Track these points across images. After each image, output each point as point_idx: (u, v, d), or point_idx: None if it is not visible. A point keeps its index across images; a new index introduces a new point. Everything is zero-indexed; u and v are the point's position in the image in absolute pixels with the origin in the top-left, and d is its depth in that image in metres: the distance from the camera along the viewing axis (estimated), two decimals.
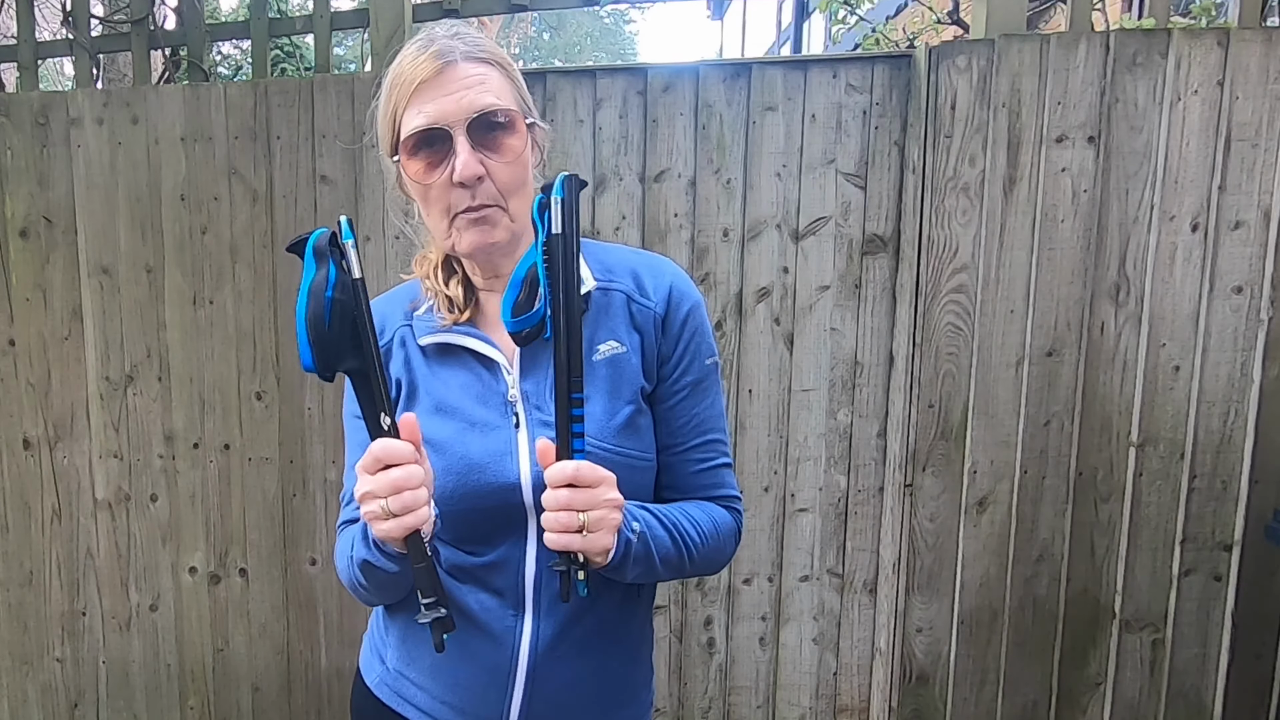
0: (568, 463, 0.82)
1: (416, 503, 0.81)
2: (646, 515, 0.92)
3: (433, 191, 0.90)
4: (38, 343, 2.16)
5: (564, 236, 0.82)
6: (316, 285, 0.78)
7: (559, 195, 0.82)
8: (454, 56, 0.88)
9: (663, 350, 0.96)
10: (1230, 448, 1.82)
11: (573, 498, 0.81)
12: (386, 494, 0.80)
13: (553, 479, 0.82)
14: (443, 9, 2.09)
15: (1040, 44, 1.75)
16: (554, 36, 26.96)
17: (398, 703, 1.02)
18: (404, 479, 0.80)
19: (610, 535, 0.84)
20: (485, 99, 0.88)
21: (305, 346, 0.78)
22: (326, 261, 0.79)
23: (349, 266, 0.79)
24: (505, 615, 0.95)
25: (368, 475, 0.82)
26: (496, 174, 0.89)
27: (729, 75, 1.93)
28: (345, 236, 0.79)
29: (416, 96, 0.89)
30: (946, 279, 1.83)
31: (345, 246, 0.79)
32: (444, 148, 0.88)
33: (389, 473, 0.80)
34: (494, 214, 0.91)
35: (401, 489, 0.80)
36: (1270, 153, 1.74)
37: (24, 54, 2.21)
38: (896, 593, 1.95)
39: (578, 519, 0.81)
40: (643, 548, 0.89)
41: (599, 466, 0.83)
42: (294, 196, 2.05)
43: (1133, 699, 1.92)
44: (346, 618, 2.17)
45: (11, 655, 2.30)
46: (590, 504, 0.82)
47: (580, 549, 0.83)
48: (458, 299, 0.98)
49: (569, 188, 0.82)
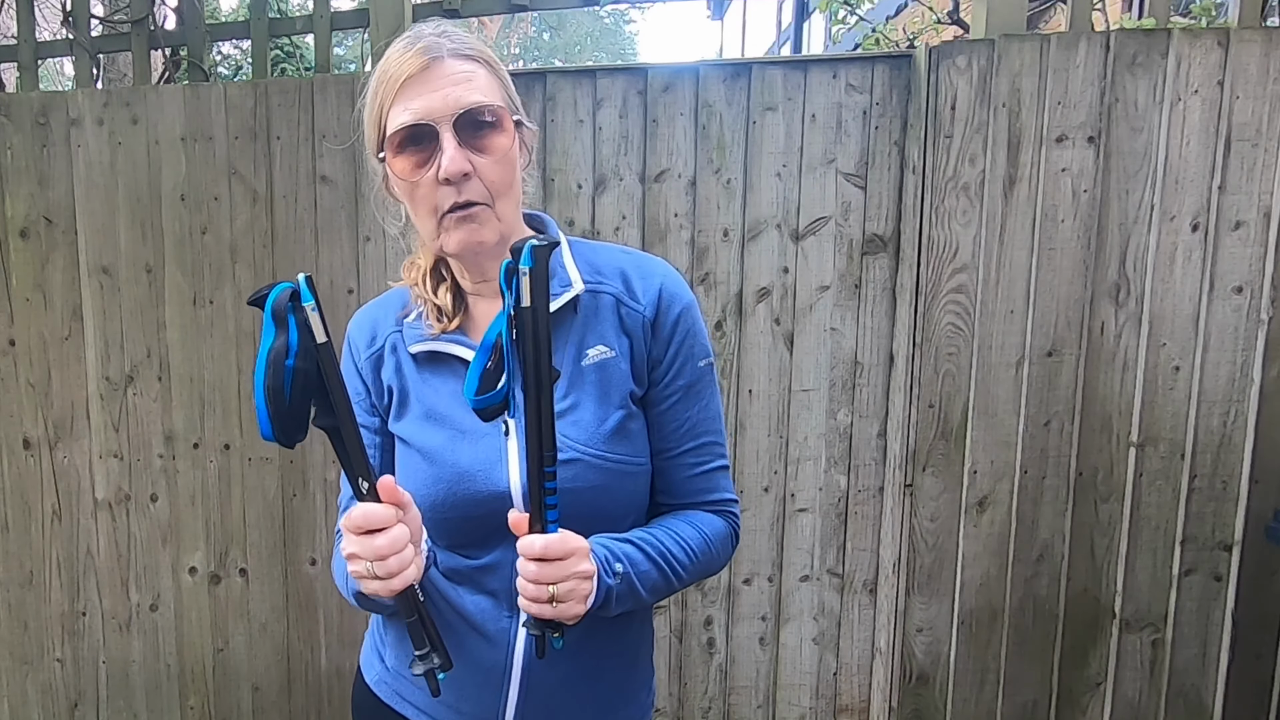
0: (536, 538, 0.82)
1: (402, 565, 0.81)
2: (629, 550, 0.91)
3: (419, 190, 0.89)
4: (38, 343, 2.16)
5: (534, 310, 0.77)
6: (276, 354, 0.73)
7: (527, 266, 0.76)
8: (440, 53, 0.87)
9: (653, 354, 0.95)
10: (1230, 448, 1.82)
11: (540, 572, 0.81)
12: (372, 559, 0.80)
13: (522, 553, 0.82)
14: (443, 9, 2.09)
15: (1040, 44, 1.75)
16: (554, 36, 26.96)
17: (396, 701, 1.03)
18: (387, 546, 0.80)
19: (580, 605, 0.84)
20: (472, 96, 0.87)
21: (264, 418, 0.74)
22: (286, 325, 0.73)
23: (312, 331, 0.74)
24: (500, 616, 0.95)
25: (353, 537, 0.81)
26: (484, 172, 0.88)
27: (729, 75, 1.93)
28: (305, 299, 0.73)
29: (403, 93, 0.87)
30: (946, 279, 1.83)
31: (306, 310, 0.73)
32: (430, 145, 0.87)
33: (373, 540, 0.80)
34: (482, 213, 0.89)
35: (386, 555, 0.80)
36: (1270, 153, 1.74)
37: (24, 54, 2.21)
38: (896, 593, 1.95)
39: (547, 591, 0.81)
40: (626, 587, 0.89)
41: (570, 537, 0.83)
42: (294, 196, 2.05)
43: (1133, 699, 1.92)
44: (346, 618, 2.17)
45: (11, 655, 2.30)
46: (559, 577, 0.82)
47: (551, 617, 0.83)
48: (446, 307, 0.97)
49: (538, 257, 0.77)
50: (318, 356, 0.74)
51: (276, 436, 0.75)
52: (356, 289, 2.04)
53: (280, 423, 0.74)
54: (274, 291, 0.73)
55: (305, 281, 0.73)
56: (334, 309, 2.04)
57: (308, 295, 0.73)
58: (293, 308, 0.73)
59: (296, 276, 0.74)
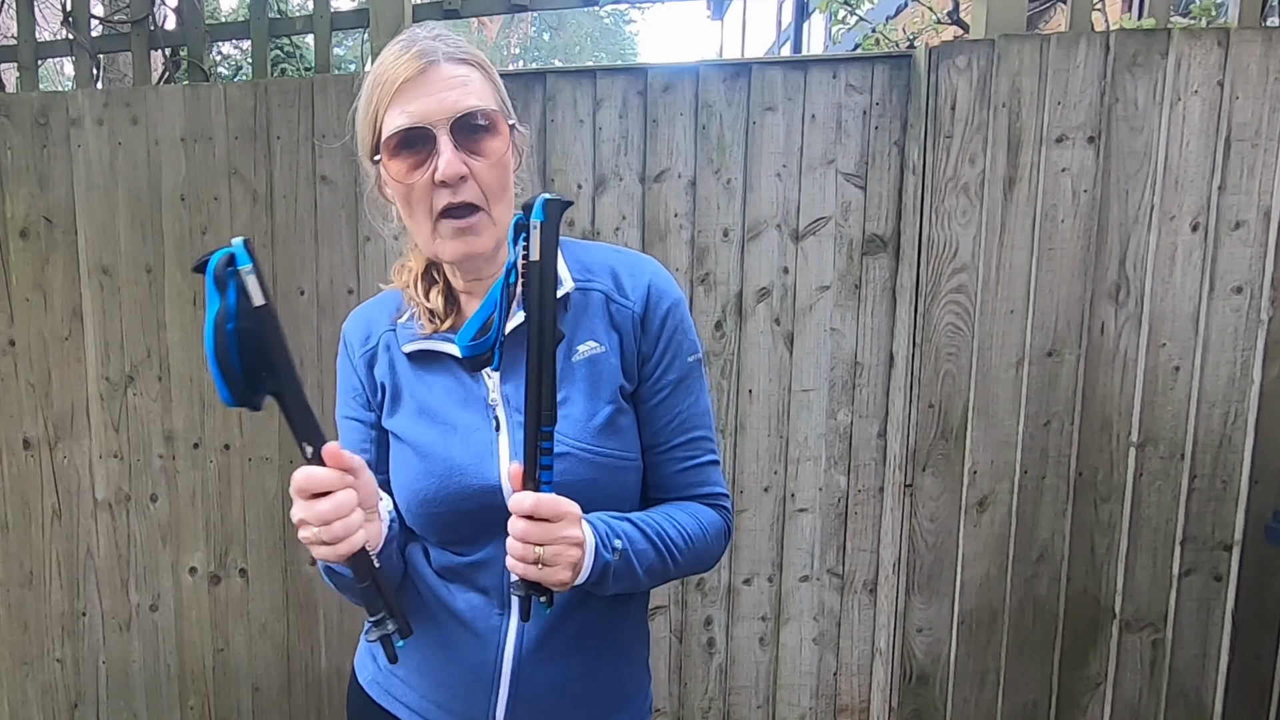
0: (527, 495, 0.81)
1: (348, 530, 0.80)
2: (628, 528, 0.91)
3: (415, 192, 0.90)
4: (38, 343, 2.16)
5: (542, 264, 0.77)
6: (219, 317, 0.72)
7: (539, 219, 0.77)
8: (436, 57, 0.88)
9: (643, 349, 0.96)
10: (1230, 448, 1.82)
11: (528, 530, 0.81)
12: (318, 524, 0.80)
13: (513, 509, 0.82)
14: (443, 9, 2.09)
15: (1040, 44, 1.75)
16: (554, 36, 26.97)
17: (389, 701, 1.03)
18: (331, 510, 0.79)
19: (567, 571, 0.83)
20: (469, 100, 0.88)
21: (219, 382, 0.74)
22: (227, 288, 0.72)
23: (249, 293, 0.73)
24: (491, 614, 0.95)
25: (300, 501, 0.81)
26: (479, 175, 0.89)
27: (729, 75, 1.93)
28: (241, 262, 0.72)
29: (399, 96, 0.88)
30: (946, 279, 1.83)
31: (241, 274, 0.72)
32: (427, 148, 0.88)
33: (317, 504, 0.80)
34: (479, 222, 0.90)
35: (330, 520, 0.80)
36: (1270, 153, 1.74)
37: (24, 54, 2.21)
38: (896, 593, 1.95)
39: (534, 551, 0.81)
40: (624, 564, 0.89)
41: (562, 501, 0.82)
42: (294, 196, 2.05)
43: (1133, 699, 1.92)
44: (346, 618, 2.17)
45: (11, 655, 2.30)
46: (546, 538, 0.81)
47: (536, 579, 0.83)
48: (438, 310, 0.98)
49: (550, 211, 0.77)
50: (257, 318, 0.73)
51: (233, 399, 0.75)
52: (356, 289, 2.04)
53: (234, 388, 0.74)
54: (214, 257, 0.72)
55: (243, 245, 0.72)
56: (334, 309, 2.04)
57: (245, 259, 0.72)
58: (232, 272, 0.72)
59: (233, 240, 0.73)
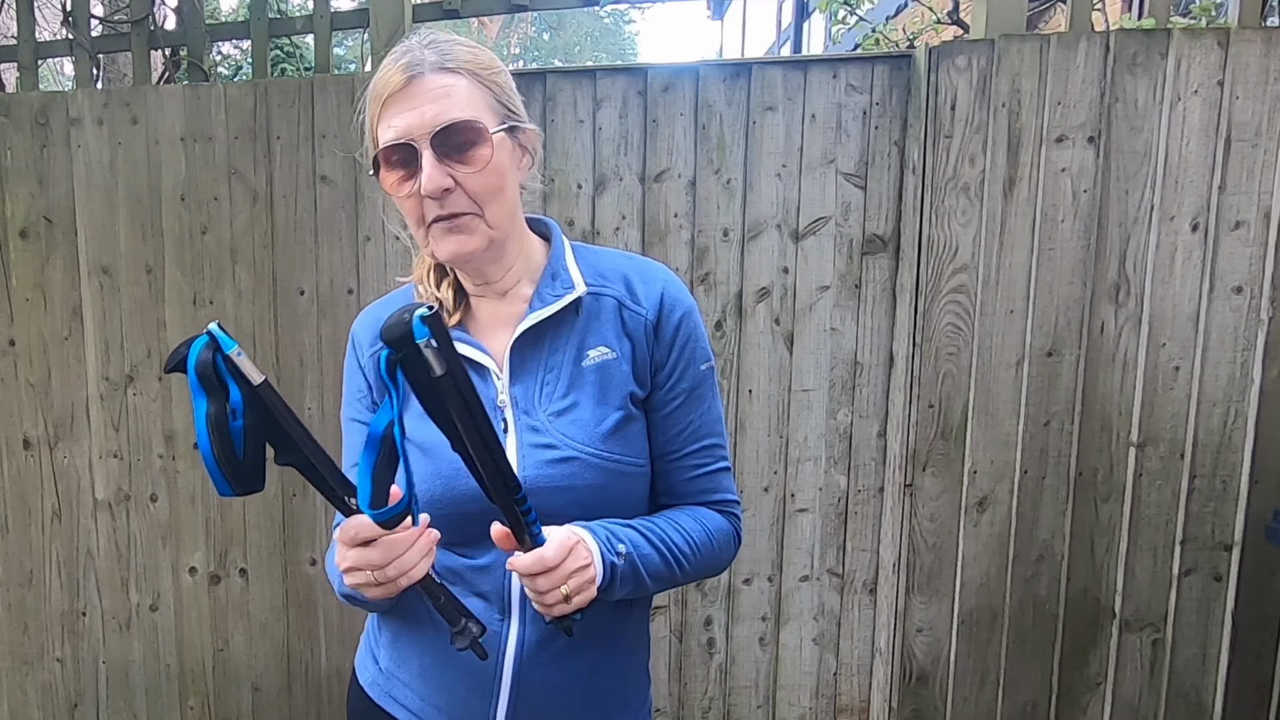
0: (526, 557, 0.82)
1: (401, 570, 0.81)
2: (632, 534, 0.91)
3: (406, 203, 0.92)
4: (38, 343, 2.16)
5: (452, 375, 0.69)
6: (217, 420, 0.69)
7: (423, 338, 0.67)
8: (421, 69, 0.89)
9: (655, 357, 0.96)
10: (1230, 448, 1.82)
11: (545, 582, 0.82)
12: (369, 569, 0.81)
13: (523, 572, 0.83)
14: (443, 9, 2.09)
15: (1040, 44, 1.75)
16: (554, 36, 26.97)
17: (389, 703, 1.02)
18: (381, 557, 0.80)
19: (591, 586, 0.86)
20: (450, 113, 0.88)
21: (219, 480, 0.71)
22: (217, 386, 0.69)
23: (245, 376, 0.69)
24: (491, 619, 0.95)
25: (347, 549, 0.81)
26: (466, 183, 0.89)
27: (729, 75, 1.93)
28: (227, 347, 0.68)
29: (386, 110, 0.90)
30: (946, 279, 1.83)
31: (232, 358, 0.68)
32: (413, 161, 0.89)
33: (367, 553, 0.80)
34: (469, 222, 0.91)
35: (382, 565, 0.80)
36: (1270, 153, 1.74)
37: (24, 54, 2.21)
38: (896, 593, 1.95)
39: (561, 593, 0.83)
40: (629, 568, 0.90)
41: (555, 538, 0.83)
42: (294, 196, 2.05)
43: (1133, 699, 1.92)
44: (346, 618, 2.17)
45: (11, 655, 2.30)
46: (564, 578, 0.83)
47: (571, 611, 0.85)
48: (447, 302, 0.99)
49: (430, 325, 0.68)
50: (263, 400, 0.71)
51: (239, 491, 0.72)
52: (356, 289, 2.04)
53: (238, 480, 0.72)
54: (192, 351, 0.69)
55: (218, 328, 0.69)
56: (334, 309, 2.04)
57: (228, 342, 0.68)
58: (221, 360, 0.69)
59: (207, 327, 0.69)
